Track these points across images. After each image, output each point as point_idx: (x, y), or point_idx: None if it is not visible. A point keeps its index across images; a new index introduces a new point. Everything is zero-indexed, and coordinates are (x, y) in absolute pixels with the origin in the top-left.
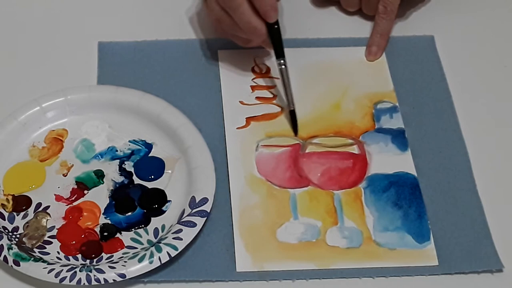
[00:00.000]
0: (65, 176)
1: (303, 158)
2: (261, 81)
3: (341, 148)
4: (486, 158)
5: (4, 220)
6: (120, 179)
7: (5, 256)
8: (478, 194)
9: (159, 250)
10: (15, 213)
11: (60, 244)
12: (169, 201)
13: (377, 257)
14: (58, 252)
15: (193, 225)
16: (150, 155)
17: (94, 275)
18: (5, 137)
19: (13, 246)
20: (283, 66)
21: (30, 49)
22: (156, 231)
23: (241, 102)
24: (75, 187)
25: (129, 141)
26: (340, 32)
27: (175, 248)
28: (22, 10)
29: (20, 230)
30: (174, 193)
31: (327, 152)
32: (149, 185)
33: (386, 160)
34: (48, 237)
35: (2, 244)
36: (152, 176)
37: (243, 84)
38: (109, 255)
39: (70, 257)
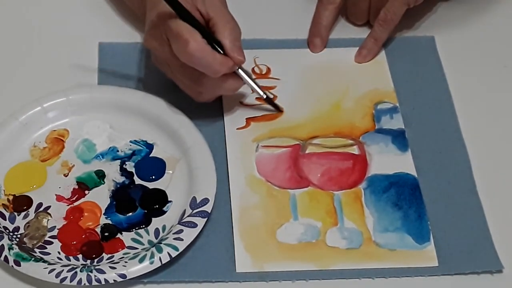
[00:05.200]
0: (66, 176)
1: (303, 158)
2: (261, 82)
3: (341, 149)
4: (486, 158)
5: (5, 220)
6: (121, 179)
7: (5, 256)
8: (478, 194)
9: (159, 250)
10: (16, 213)
11: (60, 244)
12: (170, 201)
13: (377, 258)
14: (59, 252)
15: (194, 225)
16: (151, 155)
17: (95, 276)
18: (6, 137)
19: (14, 246)
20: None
21: (31, 49)
22: (156, 232)
23: (241, 103)
24: (76, 187)
25: (130, 142)
26: (341, 32)
27: (176, 248)
28: (23, 10)
29: (21, 230)
30: (175, 193)
31: (327, 152)
32: (150, 185)
33: (386, 160)
34: (49, 237)
35: (3, 244)
36: (153, 177)
37: None
38: (109, 255)
39: (71, 257)
